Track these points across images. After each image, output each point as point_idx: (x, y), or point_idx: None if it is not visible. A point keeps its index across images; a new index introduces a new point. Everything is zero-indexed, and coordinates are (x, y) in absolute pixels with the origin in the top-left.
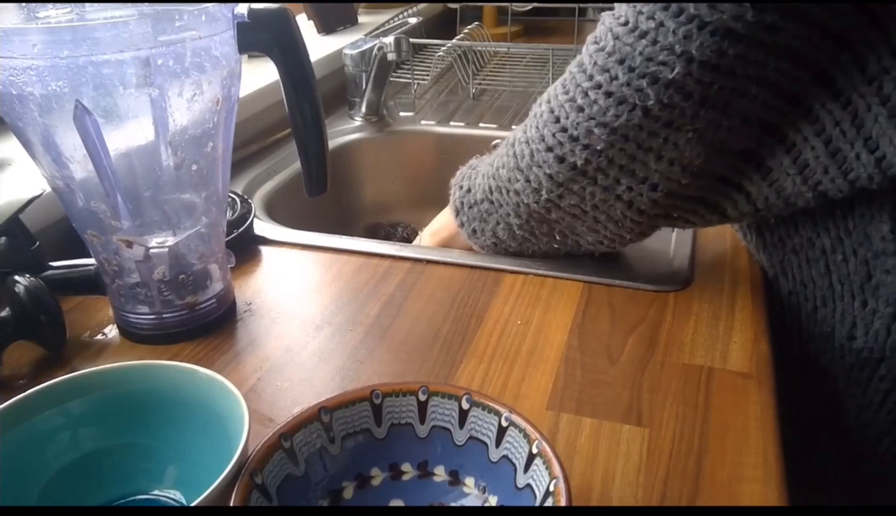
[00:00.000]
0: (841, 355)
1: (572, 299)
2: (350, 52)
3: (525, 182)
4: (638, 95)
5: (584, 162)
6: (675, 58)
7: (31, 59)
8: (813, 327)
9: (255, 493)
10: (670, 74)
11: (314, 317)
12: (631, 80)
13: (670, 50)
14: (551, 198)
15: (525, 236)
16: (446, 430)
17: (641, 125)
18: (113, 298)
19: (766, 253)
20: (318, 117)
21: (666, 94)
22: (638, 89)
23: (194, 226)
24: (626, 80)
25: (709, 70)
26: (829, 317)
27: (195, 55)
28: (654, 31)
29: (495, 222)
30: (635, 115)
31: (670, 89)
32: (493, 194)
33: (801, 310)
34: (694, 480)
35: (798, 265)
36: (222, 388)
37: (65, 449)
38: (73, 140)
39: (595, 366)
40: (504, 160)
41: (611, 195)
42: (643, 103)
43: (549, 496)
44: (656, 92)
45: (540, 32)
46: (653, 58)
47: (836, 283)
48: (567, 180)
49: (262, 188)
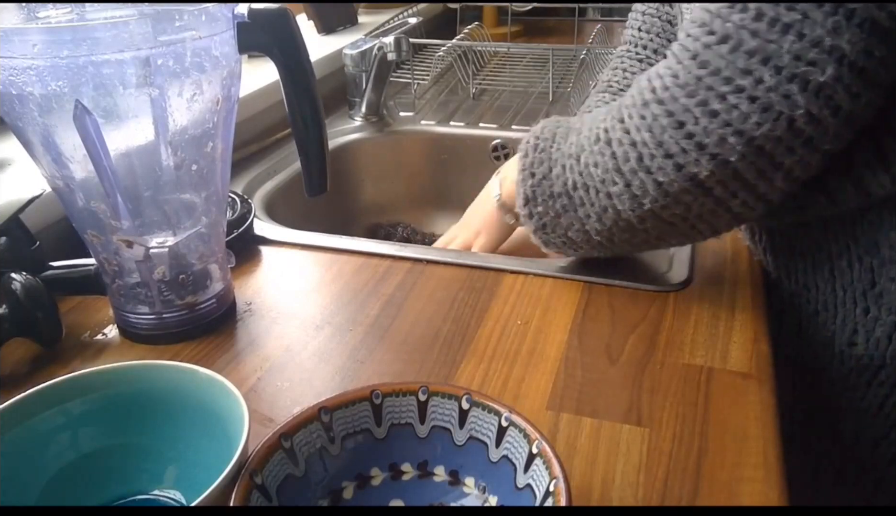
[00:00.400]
0: (840, 360)
1: (572, 299)
2: (350, 52)
3: (624, 186)
4: (786, 103)
5: (707, 173)
6: (826, 56)
7: (31, 59)
8: (814, 331)
9: (255, 493)
10: (822, 76)
11: (314, 317)
12: (779, 84)
13: (820, 46)
14: (654, 208)
15: (600, 242)
16: (446, 430)
17: (781, 138)
18: (113, 298)
19: (772, 254)
20: (318, 117)
21: (816, 104)
22: (786, 95)
23: (194, 226)
24: (773, 84)
25: (857, 75)
26: (829, 322)
27: (195, 55)
28: (800, 23)
29: (570, 222)
30: (779, 125)
31: (820, 97)
32: (577, 191)
33: (803, 313)
34: (694, 480)
35: (803, 268)
36: (222, 388)
37: (65, 449)
38: (73, 140)
39: (595, 366)
40: (598, 159)
41: (722, 208)
42: (790, 112)
43: (549, 496)
44: (806, 100)
45: (540, 32)
46: (801, 56)
47: (839, 289)
48: (680, 191)
49: (262, 188)
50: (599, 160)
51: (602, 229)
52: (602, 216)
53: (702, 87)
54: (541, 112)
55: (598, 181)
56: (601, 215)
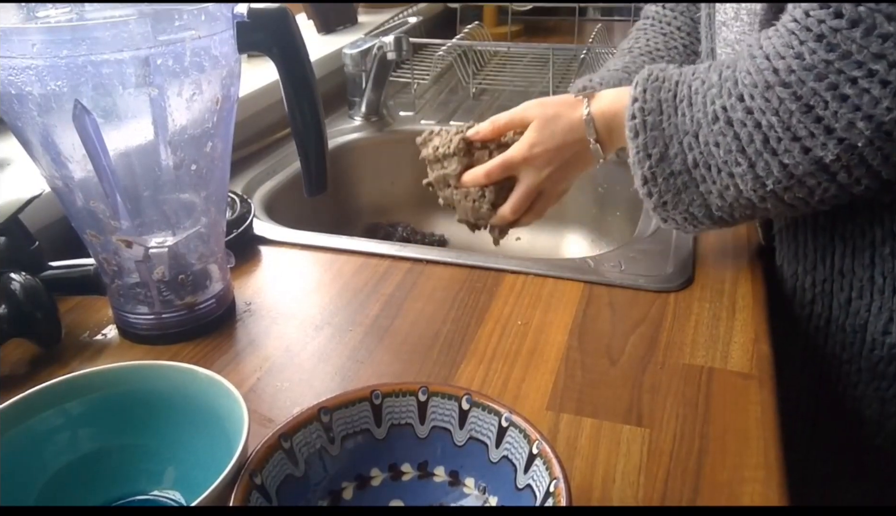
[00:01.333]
0: (871, 348)
1: (572, 299)
2: (350, 52)
3: (748, 167)
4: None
5: (834, 158)
6: None
7: (30, 59)
8: (844, 319)
9: (254, 493)
10: None
11: (314, 317)
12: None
13: None
14: (776, 190)
15: (721, 217)
16: (446, 431)
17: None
18: (112, 298)
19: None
20: (318, 117)
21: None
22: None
23: (194, 226)
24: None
25: None
26: (863, 310)
27: (195, 55)
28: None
29: (692, 198)
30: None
31: None
32: (699, 169)
33: (834, 300)
34: (694, 480)
35: (841, 253)
36: (222, 389)
37: (64, 449)
38: (73, 140)
39: (595, 367)
40: (720, 139)
41: (844, 193)
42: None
43: (549, 496)
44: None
45: (540, 32)
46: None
47: (878, 277)
48: (805, 174)
49: (261, 188)
50: (721, 140)
51: (723, 205)
52: (724, 193)
53: (832, 70)
54: None
55: (721, 161)
56: (723, 192)
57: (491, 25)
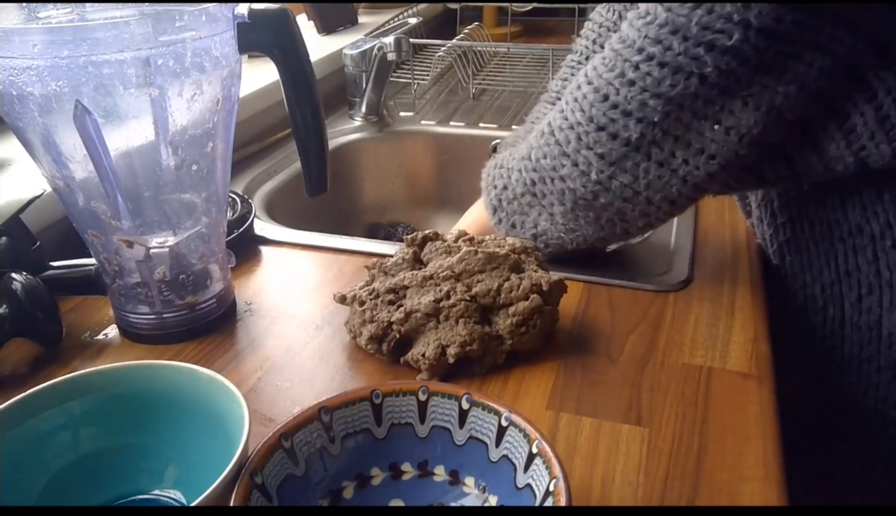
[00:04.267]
0: (889, 345)
1: (572, 299)
2: (350, 52)
3: (572, 166)
4: (695, 63)
5: (638, 136)
6: (732, 25)
7: (31, 59)
8: (857, 318)
9: (255, 493)
10: (728, 42)
11: (314, 317)
12: (687, 50)
13: (728, 18)
14: (601, 180)
15: (569, 226)
16: (446, 430)
17: (698, 93)
18: (113, 298)
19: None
20: (318, 117)
21: (724, 61)
22: (695, 57)
23: (194, 226)
24: (682, 50)
25: (765, 36)
26: (875, 306)
27: (195, 55)
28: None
29: (537, 214)
30: (692, 82)
31: (727, 56)
32: (537, 186)
33: (845, 301)
34: (694, 480)
35: (844, 253)
36: (222, 388)
37: (65, 448)
38: (74, 140)
39: (595, 366)
40: (546, 150)
41: (666, 171)
42: (700, 71)
43: (549, 496)
44: (714, 59)
45: (540, 32)
46: (710, 26)
47: (884, 270)
48: (620, 158)
49: (262, 188)
50: (547, 150)
51: (565, 211)
52: (562, 199)
53: (619, 60)
54: None
55: (550, 168)
56: (561, 199)
57: (491, 26)
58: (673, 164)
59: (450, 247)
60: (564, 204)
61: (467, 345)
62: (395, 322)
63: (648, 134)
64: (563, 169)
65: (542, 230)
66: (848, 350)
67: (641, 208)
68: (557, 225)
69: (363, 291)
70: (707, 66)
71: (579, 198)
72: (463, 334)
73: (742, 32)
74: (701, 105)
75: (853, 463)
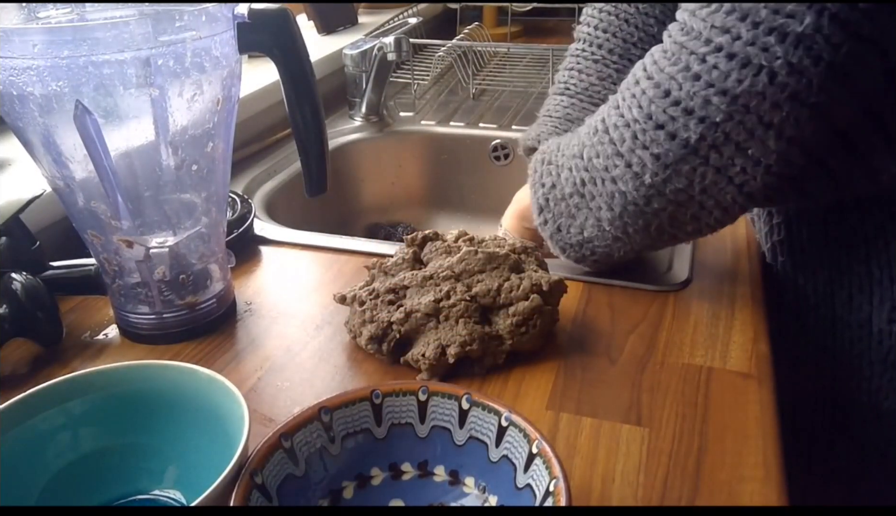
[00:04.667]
0: (879, 340)
1: (572, 299)
2: (350, 52)
3: (625, 167)
4: (764, 55)
5: (698, 138)
6: (804, 8)
7: (31, 59)
8: (848, 315)
9: (255, 493)
10: (799, 27)
11: (314, 317)
12: (756, 38)
13: None
14: (655, 183)
15: (616, 235)
16: (446, 430)
17: (765, 93)
18: (113, 298)
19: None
20: (318, 117)
21: (795, 54)
22: (764, 48)
23: (194, 226)
24: (750, 38)
25: (839, 26)
26: (865, 304)
27: (195, 55)
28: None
29: (584, 218)
30: (760, 79)
31: (800, 48)
32: (586, 186)
33: (836, 300)
34: (694, 480)
35: (837, 253)
36: (222, 388)
37: (65, 449)
38: (74, 140)
39: (595, 366)
40: (599, 149)
41: (723, 177)
42: (769, 64)
43: (549, 496)
44: (785, 50)
45: (540, 32)
46: (779, 10)
47: (874, 269)
48: (677, 160)
49: (262, 188)
50: (600, 149)
51: (613, 218)
52: (611, 203)
53: (684, 52)
54: None
55: (602, 169)
56: (610, 203)
57: (491, 26)
58: (731, 171)
59: (450, 247)
60: (613, 209)
61: (467, 345)
62: (395, 322)
63: (709, 136)
64: (615, 170)
65: (589, 237)
66: (840, 347)
67: (693, 213)
68: (605, 232)
69: (363, 291)
70: (777, 59)
71: (629, 202)
72: (463, 334)
73: (815, 18)
74: (767, 108)
75: (850, 458)
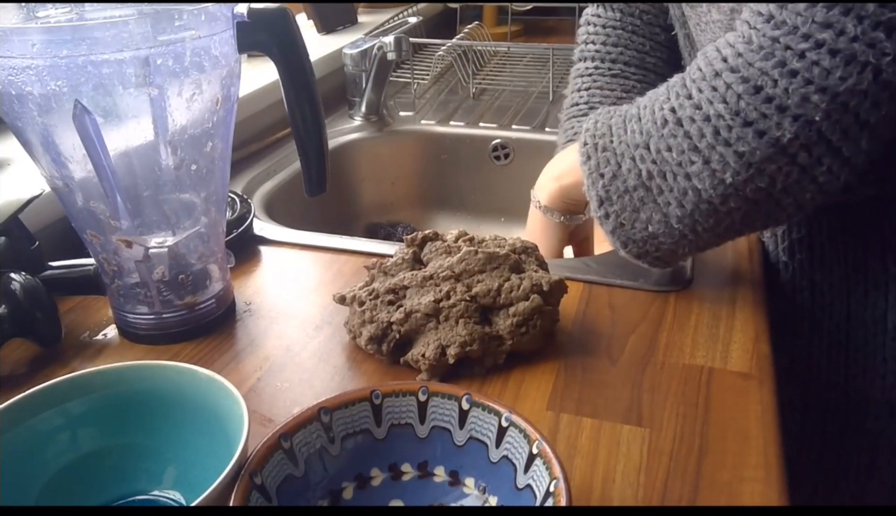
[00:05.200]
0: (893, 337)
1: (572, 299)
2: (350, 52)
3: (703, 164)
4: (871, 52)
5: (791, 137)
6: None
7: (30, 59)
8: (863, 312)
9: (254, 493)
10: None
11: (314, 317)
12: (864, 33)
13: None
14: (735, 183)
15: (683, 232)
16: (446, 431)
17: (867, 92)
18: (112, 298)
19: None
20: (318, 117)
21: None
22: (871, 44)
23: (194, 226)
24: (857, 33)
25: None
26: (880, 300)
27: (195, 55)
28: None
29: (650, 213)
30: (865, 77)
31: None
32: (654, 180)
33: (851, 297)
34: (694, 480)
35: (854, 249)
36: (222, 388)
37: (64, 449)
38: (73, 140)
39: (595, 367)
40: (671, 142)
41: (807, 178)
42: (877, 61)
43: (549, 496)
44: (894, 46)
45: (540, 32)
46: (887, 4)
47: (891, 266)
48: (763, 159)
49: (261, 188)
50: (672, 143)
51: (683, 215)
52: (682, 200)
53: (778, 47)
54: (541, 112)
55: (675, 164)
56: (681, 200)
57: (491, 25)
58: (816, 171)
59: (450, 247)
60: (684, 206)
61: (467, 345)
62: (394, 322)
63: (802, 135)
64: (691, 166)
65: (654, 233)
66: (854, 344)
67: (768, 210)
68: (671, 229)
69: (363, 291)
70: (885, 56)
71: (704, 200)
72: (463, 334)
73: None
74: (868, 107)
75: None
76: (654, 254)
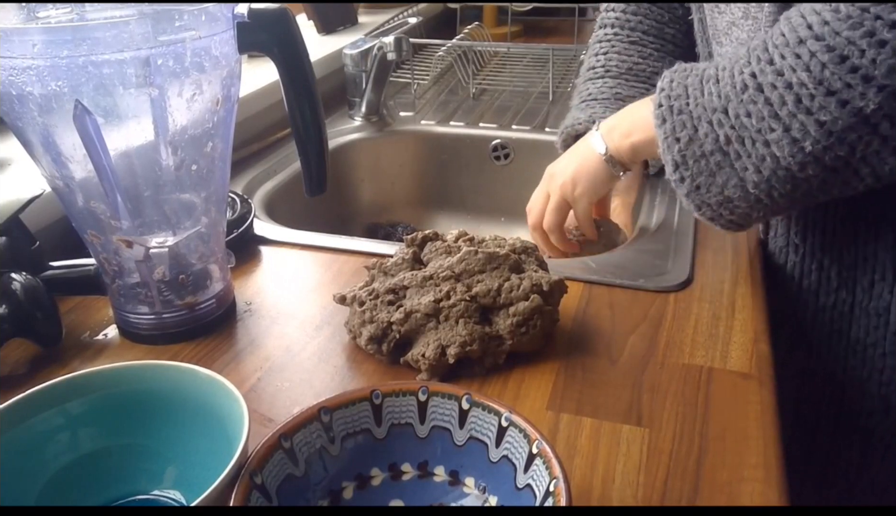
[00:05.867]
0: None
1: (572, 299)
2: (350, 52)
3: (783, 132)
4: None
5: (875, 107)
6: None
7: (30, 59)
8: (867, 302)
9: (254, 493)
10: None
11: (314, 316)
12: None
13: None
14: (815, 151)
15: (759, 196)
16: (446, 430)
17: None
18: (113, 298)
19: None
20: (318, 117)
21: None
22: None
23: (194, 226)
24: None
25: None
26: (886, 292)
27: (195, 55)
28: None
29: (726, 178)
30: None
31: None
32: (732, 145)
33: (858, 285)
34: (694, 480)
35: (865, 238)
36: (222, 388)
37: (64, 449)
38: (73, 140)
39: (595, 366)
40: (750, 108)
41: (887, 147)
42: None
43: (549, 496)
44: None
45: (540, 32)
46: None
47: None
48: (844, 129)
49: (261, 188)
50: (752, 109)
51: (760, 181)
52: (760, 166)
53: (868, 17)
54: (541, 112)
55: (754, 130)
56: (759, 165)
57: (491, 26)
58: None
59: (450, 247)
60: (762, 172)
61: (467, 345)
62: (394, 322)
63: (886, 106)
64: (770, 133)
65: (729, 197)
66: (855, 333)
67: (845, 178)
68: (748, 193)
69: (363, 291)
70: None
71: (782, 167)
72: (463, 334)
73: None
74: None
75: (853, 449)
76: (727, 218)
